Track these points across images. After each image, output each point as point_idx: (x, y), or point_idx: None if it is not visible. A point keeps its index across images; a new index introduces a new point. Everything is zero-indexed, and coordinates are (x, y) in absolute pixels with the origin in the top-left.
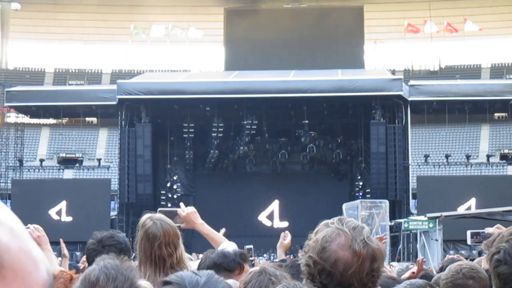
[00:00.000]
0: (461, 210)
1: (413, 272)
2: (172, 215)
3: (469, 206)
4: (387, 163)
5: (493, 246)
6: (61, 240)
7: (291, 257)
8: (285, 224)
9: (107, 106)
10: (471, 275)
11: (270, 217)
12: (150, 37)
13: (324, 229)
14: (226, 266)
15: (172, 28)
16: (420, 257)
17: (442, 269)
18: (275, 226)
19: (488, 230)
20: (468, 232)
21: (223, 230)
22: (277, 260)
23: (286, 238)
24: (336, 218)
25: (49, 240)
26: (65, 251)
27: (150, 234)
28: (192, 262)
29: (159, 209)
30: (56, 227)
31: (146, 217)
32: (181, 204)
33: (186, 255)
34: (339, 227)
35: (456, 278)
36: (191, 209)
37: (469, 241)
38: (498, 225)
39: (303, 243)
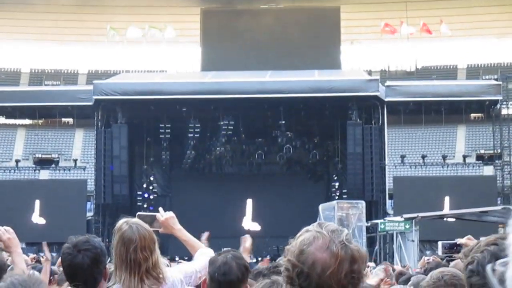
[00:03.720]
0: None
1: (381, 279)
2: (151, 220)
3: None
4: (363, 164)
5: (469, 256)
6: (44, 243)
7: (269, 258)
8: (256, 225)
9: (83, 107)
10: (452, 282)
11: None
12: (127, 37)
13: (304, 234)
14: None
15: (148, 29)
16: (384, 265)
17: (425, 272)
18: (246, 227)
19: (460, 241)
20: (440, 243)
21: (206, 234)
22: None
23: (246, 242)
24: (316, 223)
25: (26, 241)
26: (47, 254)
27: (125, 238)
28: (168, 268)
29: (137, 213)
30: (32, 228)
31: (122, 222)
32: (160, 209)
33: (162, 260)
34: (318, 230)
35: (438, 285)
36: (170, 214)
37: (440, 252)
38: (469, 236)
39: (280, 244)
